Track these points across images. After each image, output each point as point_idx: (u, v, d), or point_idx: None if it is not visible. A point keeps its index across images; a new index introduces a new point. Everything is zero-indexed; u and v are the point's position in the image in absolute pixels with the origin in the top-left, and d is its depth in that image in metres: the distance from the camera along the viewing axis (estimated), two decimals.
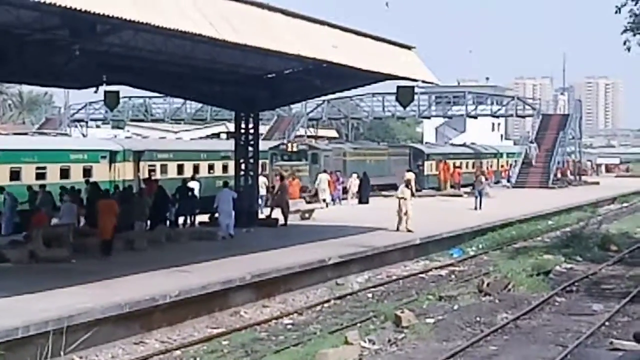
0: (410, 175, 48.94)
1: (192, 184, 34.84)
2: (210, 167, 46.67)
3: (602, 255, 30.20)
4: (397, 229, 31.31)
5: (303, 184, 45.09)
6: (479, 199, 43.33)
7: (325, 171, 47.05)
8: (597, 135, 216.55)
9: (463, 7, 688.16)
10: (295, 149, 50.95)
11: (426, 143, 79.74)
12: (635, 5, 30.37)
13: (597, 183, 76.49)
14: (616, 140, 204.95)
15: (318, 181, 45.57)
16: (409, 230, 31.07)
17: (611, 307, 20.32)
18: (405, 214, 31.54)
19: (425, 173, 61.73)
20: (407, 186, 33.41)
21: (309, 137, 70.51)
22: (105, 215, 24.66)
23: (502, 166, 74.87)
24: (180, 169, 44.52)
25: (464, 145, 77.75)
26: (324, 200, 44.25)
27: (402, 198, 32.00)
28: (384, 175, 55.65)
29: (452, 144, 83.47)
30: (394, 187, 51.37)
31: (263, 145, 51.59)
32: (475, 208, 42.51)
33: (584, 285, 24.08)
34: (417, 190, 49.48)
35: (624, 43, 31.32)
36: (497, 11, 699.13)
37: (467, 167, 66.84)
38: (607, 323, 18.65)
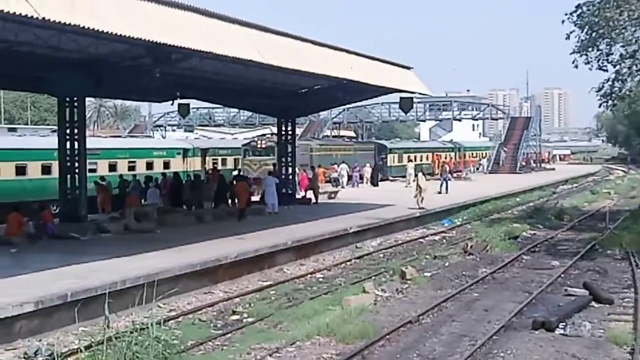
0: (410, 165, 48.90)
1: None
2: None
3: (558, 224, 30.08)
4: (420, 207, 30.69)
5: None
6: (444, 184, 40.83)
7: (344, 162, 46.82)
8: (552, 133, 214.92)
9: (449, 35, 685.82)
10: (264, 146, 43.85)
11: (391, 140, 70.82)
12: (582, 32, 30.06)
13: (554, 169, 76.24)
14: (567, 136, 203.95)
15: (340, 170, 45.48)
16: (421, 208, 30.68)
17: (565, 263, 20.19)
18: (421, 195, 31.14)
19: (389, 164, 54.39)
20: (423, 174, 33.34)
21: (333, 137, 70.18)
22: (241, 193, 27.55)
23: (461, 158, 67.16)
24: (236, 162, 44.58)
25: (427, 141, 76.40)
26: (342, 183, 44.29)
27: (420, 184, 31.60)
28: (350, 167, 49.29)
29: (414, 140, 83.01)
30: (360, 177, 48.26)
31: (237, 143, 48.25)
32: (440, 192, 39.56)
33: (544, 246, 23.97)
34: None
35: (573, 62, 30.98)
36: (474, 38, 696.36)
37: (426, 159, 59.28)
38: (562, 275, 18.55)
